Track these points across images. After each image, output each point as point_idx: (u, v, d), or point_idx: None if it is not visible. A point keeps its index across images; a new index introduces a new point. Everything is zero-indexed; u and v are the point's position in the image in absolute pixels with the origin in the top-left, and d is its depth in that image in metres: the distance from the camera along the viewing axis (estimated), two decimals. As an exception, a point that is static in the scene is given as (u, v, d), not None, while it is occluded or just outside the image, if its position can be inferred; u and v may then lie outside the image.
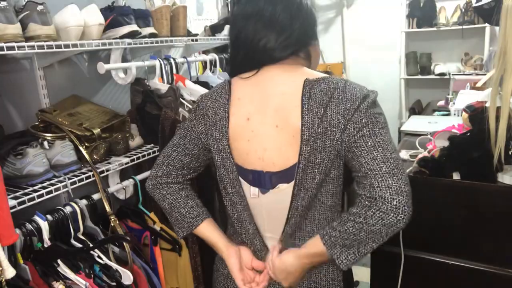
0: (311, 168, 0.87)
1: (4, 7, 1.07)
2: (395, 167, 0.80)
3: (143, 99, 1.60)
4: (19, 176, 1.18)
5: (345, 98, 0.84)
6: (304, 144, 0.85)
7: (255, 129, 0.91)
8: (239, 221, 0.99)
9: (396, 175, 0.79)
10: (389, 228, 0.79)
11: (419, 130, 1.71)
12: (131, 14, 1.47)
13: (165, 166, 1.03)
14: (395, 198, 0.78)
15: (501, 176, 1.20)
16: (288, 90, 0.88)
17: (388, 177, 0.79)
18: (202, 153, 1.01)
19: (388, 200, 0.78)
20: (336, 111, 0.84)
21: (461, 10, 3.05)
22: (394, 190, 0.78)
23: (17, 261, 1.11)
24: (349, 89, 0.85)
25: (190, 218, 1.01)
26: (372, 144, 0.82)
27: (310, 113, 0.85)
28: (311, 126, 0.85)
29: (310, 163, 0.86)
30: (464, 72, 2.96)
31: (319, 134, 0.85)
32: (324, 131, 0.84)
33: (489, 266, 1.24)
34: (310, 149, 0.85)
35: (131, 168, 1.57)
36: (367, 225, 0.80)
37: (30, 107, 1.40)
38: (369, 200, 0.80)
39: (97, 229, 1.33)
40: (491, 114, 1.10)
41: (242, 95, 0.93)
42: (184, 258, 1.48)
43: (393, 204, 0.78)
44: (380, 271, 1.44)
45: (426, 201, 1.31)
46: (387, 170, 0.80)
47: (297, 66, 0.92)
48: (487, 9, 1.42)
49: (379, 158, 0.81)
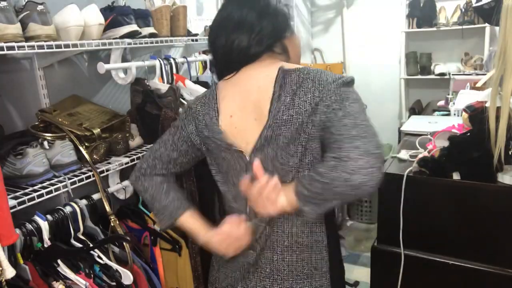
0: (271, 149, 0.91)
1: (4, 7, 1.07)
2: (365, 131, 0.81)
3: (143, 99, 1.60)
4: (19, 176, 1.18)
5: (313, 87, 0.87)
6: (267, 128, 0.90)
7: (237, 125, 0.95)
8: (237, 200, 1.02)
9: (365, 138, 0.80)
10: (356, 190, 0.78)
11: (419, 130, 1.71)
12: (131, 14, 1.47)
13: (151, 160, 1.05)
14: (362, 158, 0.77)
15: (501, 176, 1.20)
16: (263, 84, 0.93)
17: (357, 139, 0.80)
18: (191, 150, 1.04)
19: (354, 160, 0.77)
20: (304, 99, 0.87)
21: (461, 10, 3.05)
22: (362, 151, 0.78)
23: (17, 261, 1.12)
24: (319, 78, 0.88)
25: (171, 209, 1.02)
26: (342, 114, 0.84)
27: (278, 101, 0.89)
28: (276, 112, 0.89)
29: (271, 144, 0.90)
30: (464, 72, 2.96)
31: (284, 121, 0.88)
32: (290, 118, 0.88)
33: (489, 266, 1.24)
34: (272, 134, 0.89)
35: (131, 168, 1.57)
36: (333, 186, 0.80)
37: (30, 107, 1.39)
38: (335, 160, 0.80)
39: (97, 229, 1.33)
40: (491, 114, 1.10)
41: (225, 94, 0.98)
42: (184, 258, 1.48)
43: (359, 164, 0.77)
44: (380, 271, 1.44)
45: (426, 201, 1.31)
46: (356, 134, 0.81)
47: (273, 61, 0.96)
48: (487, 9, 1.42)
49: (349, 124, 0.82)
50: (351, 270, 2.65)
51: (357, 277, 2.55)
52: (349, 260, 2.76)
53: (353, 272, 2.62)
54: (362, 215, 3.28)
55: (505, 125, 1.07)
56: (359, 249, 2.92)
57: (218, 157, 1.01)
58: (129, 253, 1.30)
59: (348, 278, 2.52)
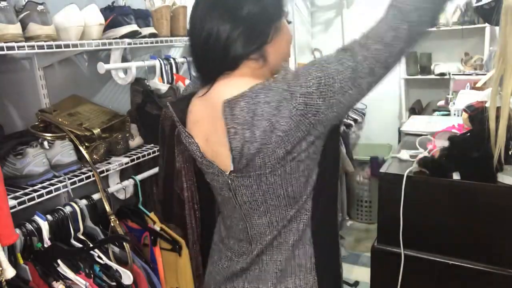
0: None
1: (4, 7, 1.07)
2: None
3: (143, 99, 1.60)
4: (19, 176, 1.18)
5: (269, 109, 0.76)
6: (237, 162, 0.82)
7: (214, 148, 0.88)
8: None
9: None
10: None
11: (419, 130, 1.71)
12: (131, 14, 1.47)
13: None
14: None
15: (501, 176, 1.20)
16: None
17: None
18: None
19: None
20: (263, 130, 0.76)
21: (461, 10, 3.05)
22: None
23: (17, 261, 1.12)
24: (269, 98, 0.76)
25: None
26: (333, 71, 0.77)
27: (237, 136, 0.79)
28: (240, 150, 0.79)
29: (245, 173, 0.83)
30: (464, 72, 2.96)
31: (253, 154, 0.79)
32: (258, 149, 0.78)
33: (489, 266, 1.24)
34: (246, 164, 0.82)
35: (131, 168, 1.57)
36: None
37: (30, 107, 1.40)
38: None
39: (97, 229, 1.33)
40: (491, 114, 1.10)
41: (200, 117, 0.90)
42: (184, 258, 1.48)
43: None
44: (380, 271, 1.44)
45: (426, 201, 1.31)
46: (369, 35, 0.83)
47: (241, 78, 0.83)
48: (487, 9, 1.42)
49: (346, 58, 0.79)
50: (351, 270, 2.65)
51: (357, 277, 2.55)
52: (349, 260, 2.76)
53: (353, 272, 2.62)
54: (362, 215, 3.28)
55: (505, 125, 1.07)
56: (359, 249, 2.92)
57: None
58: (129, 253, 1.30)
59: (348, 278, 2.52)
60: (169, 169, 1.53)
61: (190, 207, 1.52)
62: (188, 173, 1.50)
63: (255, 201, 0.87)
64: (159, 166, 1.57)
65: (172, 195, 1.56)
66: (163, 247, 1.49)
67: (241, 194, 0.87)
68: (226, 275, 0.98)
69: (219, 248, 1.04)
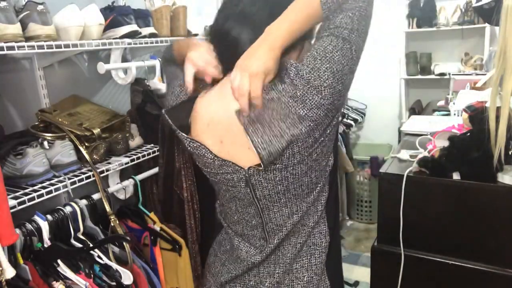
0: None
1: (4, 7, 1.07)
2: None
3: (143, 99, 1.60)
4: (19, 176, 1.18)
5: (294, 103, 0.78)
6: (265, 159, 0.81)
7: (231, 148, 0.87)
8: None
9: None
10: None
11: (419, 130, 1.71)
12: (131, 14, 1.47)
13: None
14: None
15: (501, 176, 1.20)
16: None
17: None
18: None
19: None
20: (291, 123, 0.79)
21: (461, 10, 3.05)
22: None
23: (17, 261, 1.12)
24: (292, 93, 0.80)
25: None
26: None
27: (257, 133, 0.80)
28: (265, 146, 0.80)
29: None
30: (464, 72, 2.96)
31: (283, 148, 0.80)
32: (288, 142, 0.79)
33: (489, 266, 1.24)
34: (274, 159, 0.81)
35: (131, 168, 1.57)
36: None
37: (30, 107, 1.40)
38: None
39: (97, 229, 1.33)
40: (491, 114, 1.10)
41: (212, 118, 0.89)
42: (184, 258, 1.48)
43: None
44: (380, 271, 1.44)
45: (426, 201, 1.31)
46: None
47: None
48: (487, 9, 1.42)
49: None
50: (351, 270, 2.65)
51: (357, 277, 2.55)
52: (349, 260, 2.76)
53: (353, 272, 2.62)
54: (362, 215, 3.28)
55: (505, 125, 1.07)
56: (359, 249, 2.92)
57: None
58: (129, 253, 1.30)
59: (348, 278, 2.52)
60: (169, 169, 1.53)
61: (190, 207, 1.52)
62: (188, 173, 1.51)
63: (276, 193, 0.87)
64: (159, 166, 1.57)
65: (172, 195, 1.56)
66: (163, 247, 1.49)
67: (261, 188, 0.87)
68: (236, 273, 0.99)
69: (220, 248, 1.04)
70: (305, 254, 0.93)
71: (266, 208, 0.90)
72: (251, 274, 0.98)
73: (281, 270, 0.94)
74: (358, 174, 3.21)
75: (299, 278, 0.93)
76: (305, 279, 0.93)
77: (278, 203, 0.89)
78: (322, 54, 0.79)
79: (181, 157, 1.50)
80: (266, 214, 0.91)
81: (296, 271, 0.94)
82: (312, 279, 0.93)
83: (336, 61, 0.79)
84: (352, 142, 3.61)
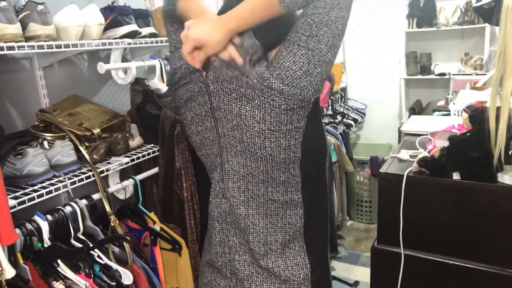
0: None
1: (4, 7, 1.07)
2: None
3: (143, 99, 1.60)
4: (19, 176, 1.18)
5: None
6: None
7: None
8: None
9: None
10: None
11: (419, 130, 1.71)
12: (131, 14, 1.47)
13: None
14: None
15: (501, 176, 1.20)
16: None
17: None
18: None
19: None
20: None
21: (461, 10, 3.05)
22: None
23: (17, 261, 1.12)
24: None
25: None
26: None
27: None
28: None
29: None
30: (464, 72, 2.96)
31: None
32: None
33: (489, 266, 1.24)
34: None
35: (131, 168, 1.58)
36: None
37: (30, 107, 1.40)
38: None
39: (97, 229, 1.33)
40: (491, 114, 1.10)
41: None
42: (184, 258, 1.48)
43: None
44: (380, 271, 1.44)
45: (426, 201, 1.31)
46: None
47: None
48: (487, 9, 1.42)
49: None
50: (351, 270, 2.65)
51: (357, 277, 2.55)
52: (349, 260, 2.76)
53: (353, 272, 2.62)
54: (362, 215, 3.28)
55: (505, 125, 1.07)
56: (359, 249, 2.92)
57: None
58: (129, 253, 1.30)
59: (348, 278, 2.52)
60: (169, 169, 1.53)
61: (190, 207, 1.52)
62: (188, 173, 1.51)
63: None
64: (159, 166, 1.57)
65: (172, 195, 1.56)
66: (163, 247, 1.49)
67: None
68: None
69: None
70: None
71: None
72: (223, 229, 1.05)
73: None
74: (358, 174, 3.21)
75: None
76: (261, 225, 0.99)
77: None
78: (277, 61, 0.84)
79: (181, 157, 1.50)
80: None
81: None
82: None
83: (287, 67, 0.83)
84: (352, 142, 3.60)
